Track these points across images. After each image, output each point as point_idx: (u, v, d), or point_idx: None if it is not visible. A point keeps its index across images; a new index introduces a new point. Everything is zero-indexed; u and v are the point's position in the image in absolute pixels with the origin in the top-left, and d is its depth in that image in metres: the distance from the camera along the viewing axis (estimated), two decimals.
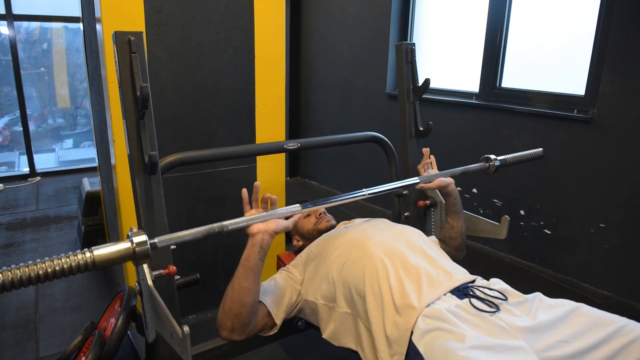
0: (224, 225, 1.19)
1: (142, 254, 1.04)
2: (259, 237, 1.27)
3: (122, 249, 1.01)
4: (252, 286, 1.29)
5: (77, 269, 0.96)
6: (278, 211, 1.28)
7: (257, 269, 1.28)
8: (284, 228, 1.31)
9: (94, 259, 0.97)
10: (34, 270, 0.91)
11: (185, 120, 2.07)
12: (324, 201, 1.39)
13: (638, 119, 2.43)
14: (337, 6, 4.19)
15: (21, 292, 2.59)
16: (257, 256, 1.27)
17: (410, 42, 1.97)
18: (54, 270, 0.93)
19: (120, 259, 1.02)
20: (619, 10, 2.43)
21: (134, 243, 1.03)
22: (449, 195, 1.74)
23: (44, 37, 5.67)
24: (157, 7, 1.89)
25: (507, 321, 1.15)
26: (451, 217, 1.77)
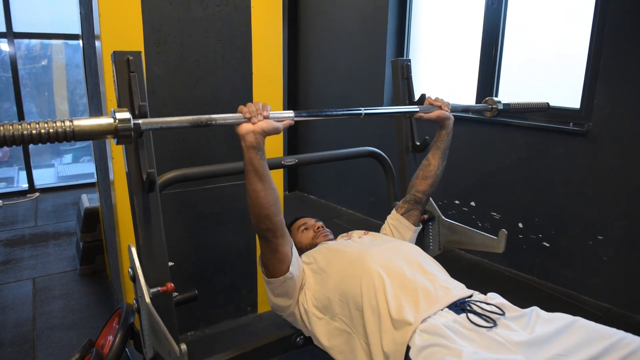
0: (213, 118, 1.21)
1: (123, 130, 1.03)
2: (251, 138, 1.25)
3: (103, 123, 1.01)
4: (265, 185, 1.30)
5: (56, 136, 0.96)
6: (270, 114, 1.29)
7: (262, 168, 1.28)
8: (274, 129, 1.28)
9: (74, 129, 0.97)
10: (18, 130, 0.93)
11: (184, 137, 2.08)
12: (319, 112, 1.42)
13: (633, 131, 2.45)
14: (334, 23, 4.24)
15: (19, 309, 2.58)
16: (257, 156, 1.27)
17: (406, 59, 2.00)
18: (30, 134, 0.94)
19: (101, 133, 1.02)
20: (611, 25, 2.47)
21: (117, 119, 1.02)
22: (444, 129, 1.72)
23: (44, 53, 5.72)
24: (156, 26, 1.92)
25: (505, 336, 1.14)
26: (433, 153, 1.74)
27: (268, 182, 1.30)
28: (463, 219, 3.27)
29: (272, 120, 1.28)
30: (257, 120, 1.26)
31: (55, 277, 2.94)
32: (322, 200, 4.70)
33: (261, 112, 1.26)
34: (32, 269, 3.06)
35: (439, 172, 1.76)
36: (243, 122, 1.26)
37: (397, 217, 1.80)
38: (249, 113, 1.25)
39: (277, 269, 1.44)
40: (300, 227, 1.84)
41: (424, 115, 1.65)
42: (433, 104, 1.68)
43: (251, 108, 1.26)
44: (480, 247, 1.94)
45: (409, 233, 1.78)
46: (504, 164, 3.06)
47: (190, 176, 1.57)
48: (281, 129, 1.31)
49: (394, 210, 1.84)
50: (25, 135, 0.94)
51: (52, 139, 0.97)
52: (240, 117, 1.26)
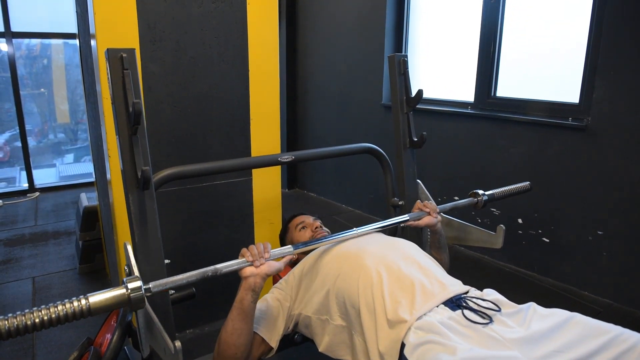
0: (218, 269, 1.28)
1: (136, 300, 1.07)
2: (251, 281, 1.30)
3: (117, 295, 1.05)
4: (245, 327, 1.32)
5: (73, 316, 0.99)
6: (271, 252, 1.34)
7: (250, 311, 1.32)
8: (275, 270, 1.34)
9: (90, 306, 1.01)
10: (30, 319, 0.95)
11: (180, 134, 2.08)
12: (316, 241, 1.49)
13: (632, 126, 2.44)
14: (332, 20, 4.23)
15: (18, 308, 2.57)
16: (250, 299, 1.31)
17: (402, 54, 1.99)
18: (50, 319, 0.96)
19: (115, 305, 1.06)
20: (609, 19, 2.46)
21: (129, 289, 1.06)
22: (435, 233, 1.78)
23: (44, 53, 5.72)
24: (151, 23, 1.91)
25: (500, 332, 1.14)
26: (435, 252, 1.80)
27: (249, 325, 1.33)
28: (463, 214, 3.26)
29: (273, 262, 1.33)
30: (260, 263, 1.30)
31: (54, 276, 2.95)
32: (322, 198, 4.69)
33: (263, 254, 1.31)
34: (31, 268, 3.07)
35: (448, 260, 1.82)
36: (246, 267, 1.31)
37: None
38: (252, 257, 1.31)
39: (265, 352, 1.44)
40: (298, 226, 1.83)
41: (413, 224, 1.69)
42: (422, 210, 1.73)
43: (253, 251, 1.31)
44: (479, 243, 1.94)
45: None
46: (503, 159, 3.05)
47: (186, 174, 1.56)
48: (282, 268, 1.36)
49: None
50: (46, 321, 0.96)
51: (70, 319, 0.99)
52: (244, 262, 1.32)
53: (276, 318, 1.47)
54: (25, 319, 0.94)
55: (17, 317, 0.93)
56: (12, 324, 0.92)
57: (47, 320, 0.95)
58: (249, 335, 1.34)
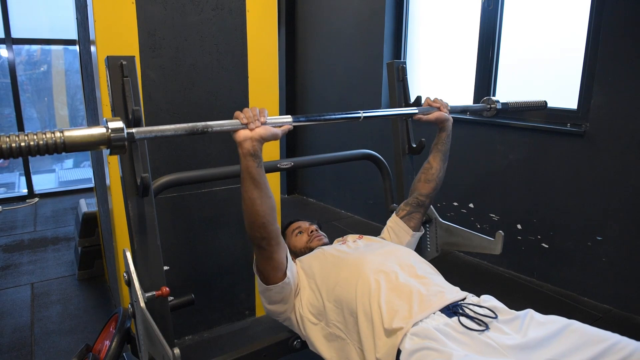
0: (209, 126, 1.17)
1: (117, 141, 0.98)
2: (248, 145, 1.22)
3: (96, 134, 0.97)
4: (261, 193, 1.27)
5: (46, 148, 0.92)
6: (268, 119, 1.25)
7: (259, 176, 1.25)
8: (272, 135, 1.25)
9: (64, 140, 0.93)
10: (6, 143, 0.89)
11: (179, 141, 2.08)
12: (318, 116, 1.39)
13: (630, 131, 2.44)
14: (331, 27, 4.24)
15: (17, 315, 2.58)
16: (254, 164, 1.23)
17: (401, 61, 2.00)
18: (19, 147, 0.90)
19: (93, 144, 0.98)
20: (607, 25, 2.47)
21: (110, 129, 0.98)
22: (443, 131, 1.70)
23: (44, 59, 5.74)
24: (151, 30, 1.92)
25: (497, 339, 1.14)
26: (434, 156, 1.73)
27: (265, 189, 1.28)
28: (461, 220, 3.26)
29: (270, 126, 1.25)
30: (255, 126, 1.22)
31: (53, 282, 2.94)
32: (321, 203, 4.69)
33: (258, 117, 1.22)
34: (30, 274, 3.06)
35: (441, 175, 1.74)
36: (240, 129, 1.22)
37: (397, 220, 1.79)
38: (246, 119, 1.21)
39: (273, 276, 1.43)
40: (295, 231, 1.84)
41: (423, 117, 1.63)
42: (432, 105, 1.66)
43: (248, 114, 1.22)
44: (478, 249, 1.93)
45: (406, 237, 1.76)
46: (502, 165, 3.06)
47: (185, 180, 1.57)
48: (280, 135, 1.28)
49: (394, 213, 1.83)
50: (14, 148, 0.90)
51: (41, 151, 0.93)
52: (237, 123, 1.22)
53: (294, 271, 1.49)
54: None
55: None
56: None
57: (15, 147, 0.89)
58: (268, 200, 1.29)
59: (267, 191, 1.29)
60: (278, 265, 1.41)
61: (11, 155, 0.91)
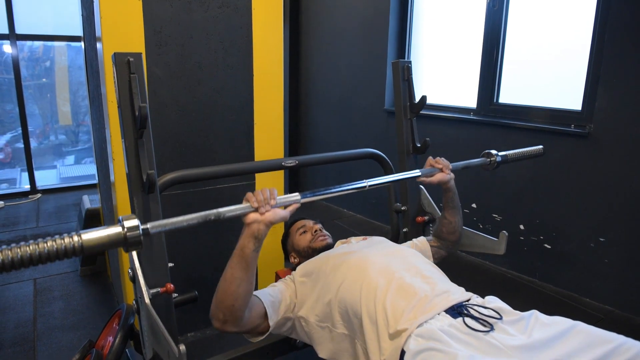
0: (220, 213, 1.18)
1: (133, 240, 0.98)
2: (254, 227, 1.23)
3: (112, 234, 0.96)
4: (245, 277, 1.26)
5: (64, 253, 0.91)
6: (278, 199, 1.26)
7: (251, 260, 1.25)
8: (280, 218, 1.26)
9: (82, 243, 0.92)
10: (17, 254, 0.87)
11: (184, 138, 2.08)
12: (324, 191, 1.40)
13: (635, 133, 2.44)
14: (335, 25, 4.24)
15: (19, 310, 2.58)
16: (252, 247, 1.24)
17: (406, 60, 2.00)
18: (38, 255, 0.89)
19: (110, 245, 0.97)
20: (612, 26, 2.46)
21: (125, 227, 0.97)
22: (449, 191, 1.73)
23: (46, 55, 5.74)
24: (157, 28, 1.92)
25: (501, 340, 1.13)
26: (448, 213, 1.76)
27: (250, 275, 1.27)
28: (464, 220, 3.25)
29: (278, 210, 1.26)
30: (265, 210, 1.23)
31: (56, 278, 2.95)
32: (324, 202, 4.70)
33: (269, 201, 1.24)
34: (33, 269, 3.06)
35: (461, 223, 1.79)
36: (250, 212, 1.24)
37: (426, 245, 1.80)
38: (257, 203, 1.23)
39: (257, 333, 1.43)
40: (299, 230, 1.84)
41: (425, 180, 1.66)
42: (434, 166, 1.69)
43: (259, 197, 1.23)
44: (481, 249, 1.94)
45: None
46: (505, 166, 3.04)
47: (190, 177, 1.57)
48: (288, 217, 1.30)
49: (426, 238, 1.84)
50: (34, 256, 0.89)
51: (60, 257, 0.91)
52: (249, 207, 1.24)
53: (280, 303, 1.45)
54: (12, 254, 0.86)
55: (2, 252, 0.86)
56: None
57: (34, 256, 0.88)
58: (248, 287, 1.28)
59: (252, 278, 1.28)
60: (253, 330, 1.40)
61: (31, 264, 0.90)
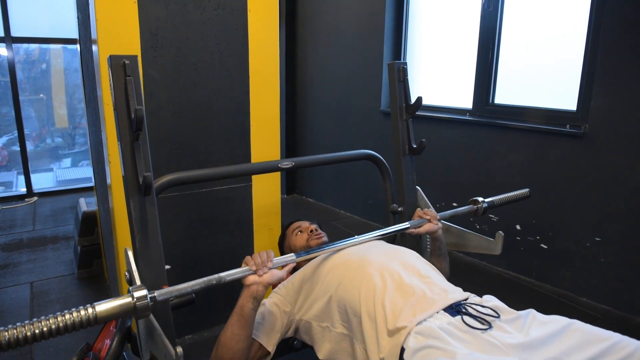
0: (222, 277, 1.29)
1: (142, 307, 1.09)
2: (253, 288, 1.31)
3: (123, 304, 1.08)
4: (244, 333, 1.34)
5: (80, 325, 1.01)
6: (274, 260, 1.35)
7: (250, 318, 1.34)
8: (277, 279, 1.35)
9: (96, 315, 1.03)
10: (31, 330, 0.94)
11: (180, 140, 2.08)
12: (317, 249, 1.50)
13: (629, 133, 2.45)
14: (331, 27, 4.25)
15: (16, 313, 2.58)
16: (251, 306, 1.32)
17: (402, 62, 2.00)
18: (56, 328, 0.97)
19: (121, 314, 1.08)
20: (607, 26, 2.48)
21: (135, 297, 1.08)
22: (436, 240, 1.77)
23: (42, 57, 5.73)
24: (153, 30, 1.92)
25: (499, 338, 1.14)
26: (436, 260, 1.80)
27: (248, 332, 1.35)
28: (461, 220, 3.26)
29: (275, 271, 1.35)
30: (263, 272, 1.31)
31: (53, 281, 2.94)
32: (321, 203, 4.70)
33: (266, 263, 1.32)
34: (30, 273, 3.06)
35: (448, 269, 1.82)
36: (249, 275, 1.32)
37: None
38: (255, 266, 1.32)
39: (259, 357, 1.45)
40: (295, 231, 1.84)
41: (414, 231, 1.69)
42: (422, 217, 1.72)
43: (257, 260, 1.32)
44: (478, 249, 1.94)
45: None
46: (501, 166, 3.07)
47: (187, 179, 1.57)
48: (285, 277, 1.38)
49: None
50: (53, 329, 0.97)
51: (77, 328, 1.01)
52: (247, 270, 1.33)
53: (274, 323, 1.47)
54: (26, 330, 0.93)
55: (17, 328, 0.92)
56: (13, 335, 0.91)
57: (53, 329, 0.96)
58: (248, 342, 1.36)
59: (250, 334, 1.36)
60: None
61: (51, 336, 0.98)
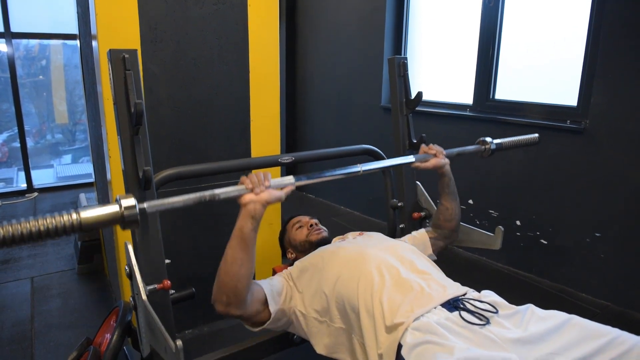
0: (216, 194, 1.21)
1: (130, 218, 1.02)
2: (251, 207, 1.25)
3: (110, 212, 1.00)
4: (246, 257, 1.28)
5: (64, 230, 0.94)
6: (271, 181, 1.29)
7: (250, 240, 1.27)
8: (276, 199, 1.29)
9: (81, 221, 0.96)
10: (18, 230, 0.89)
11: (180, 136, 2.08)
12: (319, 175, 1.42)
13: (630, 128, 2.45)
14: (332, 22, 4.24)
15: (17, 308, 2.58)
16: (250, 227, 1.26)
17: (402, 57, 2.00)
18: (38, 231, 0.91)
19: (107, 222, 1.00)
20: (608, 22, 2.47)
21: (122, 206, 1.01)
22: (444, 176, 1.73)
23: (42, 53, 5.72)
24: (153, 24, 1.92)
25: (497, 333, 1.14)
26: (445, 199, 1.76)
27: (250, 255, 1.29)
28: (461, 216, 3.26)
29: (273, 190, 1.28)
30: (260, 190, 1.26)
31: (53, 276, 2.95)
32: (321, 199, 4.70)
33: (263, 182, 1.27)
34: (30, 268, 3.07)
35: (459, 210, 1.78)
36: (246, 194, 1.26)
37: (425, 237, 1.79)
38: (252, 184, 1.26)
39: (257, 322, 1.43)
40: (295, 225, 1.85)
41: (420, 165, 1.65)
42: (428, 152, 1.69)
43: (253, 179, 1.27)
44: (478, 244, 1.95)
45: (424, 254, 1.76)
46: (501, 161, 3.06)
47: (187, 174, 1.57)
48: (283, 198, 1.32)
49: (425, 230, 1.84)
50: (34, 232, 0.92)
51: (59, 234, 0.95)
52: (243, 188, 1.27)
53: (280, 293, 1.46)
54: (12, 230, 0.89)
55: (3, 227, 0.88)
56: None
57: (34, 232, 0.91)
58: (250, 267, 1.30)
59: (252, 258, 1.30)
60: (255, 317, 1.41)
61: (31, 240, 0.92)
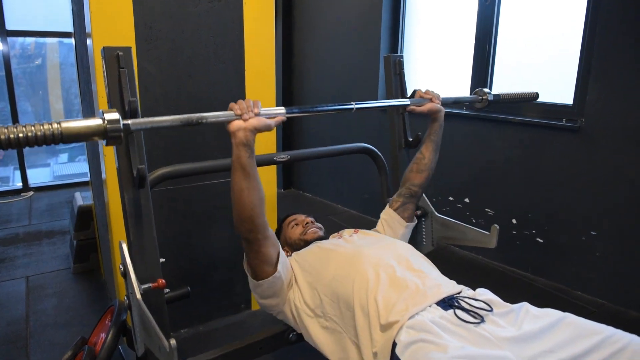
0: (203, 117, 1.21)
1: (113, 132, 1.01)
2: (241, 135, 1.24)
3: (92, 125, 0.99)
4: (252, 184, 1.28)
5: (44, 139, 0.94)
6: (262, 110, 1.28)
7: (249, 167, 1.27)
8: (265, 125, 1.27)
9: (62, 131, 0.95)
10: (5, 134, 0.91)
11: (175, 134, 2.07)
12: (310, 108, 1.41)
13: (625, 127, 2.45)
14: (328, 20, 4.23)
15: (12, 308, 2.57)
16: (246, 154, 1.26)
17: (398, 55, 2.00)
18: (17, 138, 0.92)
19: (90, 134, 1.00)
20: (603, 20, 2.47)
21: (106, 120, 1.00)
22: (436, 121, 1.72)
23: (38, 52, 5.69)
24: (148, 22, 1.91)
25: (492, 332, 1.14)
26: (427, 147, 1.75)
27: (254, 181, 1.29)
28: (457, 215, 3.27)
29: (263, 117, 1.27)
30: (249, 117, 1.24)
31: (48, 275, 2.94)
32: (317, 198, 4.70)
33: (252, 109, 1.25)
34: (25, 267, 3.05)
35: (433, 165, 1.77)
36: (234, 120, 1.25)
37: (390, 212, 1.81)
38: (240, 110, 1.24)
39: (264, 271, 1.43)
40: (290, 223, 1.84)
41: (416, 109, 1.65)
42: (424, 97, 1.68)
43: (242, 105, 1.25)
44: (473, 243, 1.94)
45: (400, 228, 1.77)
46: (497, 160, 3.07)
47: (181, 172, 1.57)
48: (273, 126, 1.30)
49: (387, 205, 1.85)
50: (12, 139, 0.92)
51: (39, 142, 0.95)
52: (232, 114, 1.25)
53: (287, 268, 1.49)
54: None
55: None
56: None
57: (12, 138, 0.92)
58: (258, 192, 1.30)
59: (257, 183, 1.30)
60: (267, 259, 1.41)
61: (9, 146, 0.92)
